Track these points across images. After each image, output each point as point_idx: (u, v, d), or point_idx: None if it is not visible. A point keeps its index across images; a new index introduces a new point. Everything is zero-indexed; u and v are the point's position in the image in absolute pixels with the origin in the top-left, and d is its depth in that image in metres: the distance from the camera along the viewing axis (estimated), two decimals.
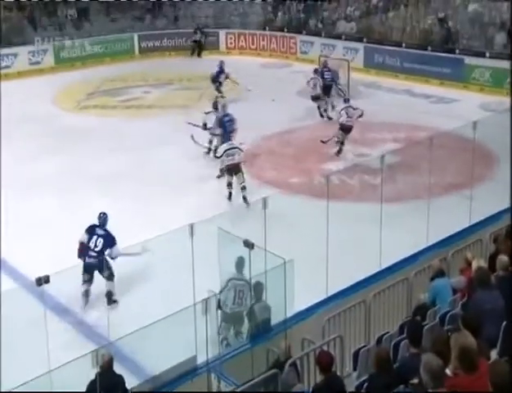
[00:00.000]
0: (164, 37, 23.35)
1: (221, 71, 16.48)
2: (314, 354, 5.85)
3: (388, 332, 6.18)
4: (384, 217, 8.28)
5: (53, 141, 13.97)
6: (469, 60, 17.25)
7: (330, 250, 7.51)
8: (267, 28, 22.75)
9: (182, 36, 23.30)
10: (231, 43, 23.22)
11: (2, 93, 15.92)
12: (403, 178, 11.26)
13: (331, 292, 7.02)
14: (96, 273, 7.87)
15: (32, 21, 21.89)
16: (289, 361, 5.69)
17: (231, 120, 12.09)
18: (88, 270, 7.83)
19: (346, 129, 12.54)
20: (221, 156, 10.74)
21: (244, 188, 10.49)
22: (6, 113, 14.43)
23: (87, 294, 7.85)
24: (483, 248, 7.34)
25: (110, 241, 7.86)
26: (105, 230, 7.96)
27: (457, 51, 17.72)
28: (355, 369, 5.78)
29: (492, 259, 6.25)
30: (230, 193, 10.64)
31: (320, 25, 21.49)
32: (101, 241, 7.86)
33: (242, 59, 21.31)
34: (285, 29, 22.11)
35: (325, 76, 15.30)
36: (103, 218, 8.05)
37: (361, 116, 12.68)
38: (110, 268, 7.78)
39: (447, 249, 7.66)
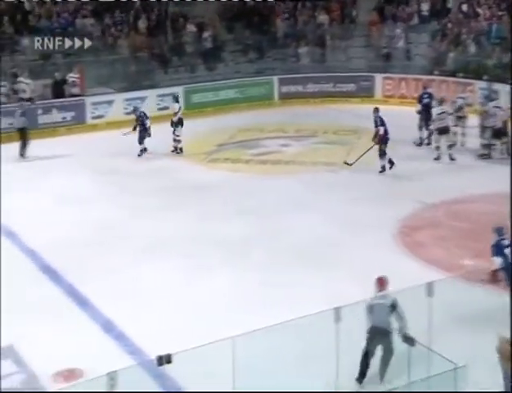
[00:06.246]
0: (309, 81, 24.04)
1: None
2: None
3: None
4: None
5: (175, 197, 14.70)
6: None
7: None
8: (436, 72, 22.66)
9: (330, 80, 23.86)
10: (388, 90, 23.43)
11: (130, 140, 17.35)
12: None
13: None
14: None
15: (162, 62, 23.46)
16: None
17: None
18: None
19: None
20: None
21: (450, 147, 16.58)
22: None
23: None
24: None
25: None
26: None
27: None
28: None
29: None
30: (438, 155, 16.60)
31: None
32: None
33: (402, 110, 21.26)
34: (460, 74, 21.86)
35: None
36: None
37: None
38: None
39: None
